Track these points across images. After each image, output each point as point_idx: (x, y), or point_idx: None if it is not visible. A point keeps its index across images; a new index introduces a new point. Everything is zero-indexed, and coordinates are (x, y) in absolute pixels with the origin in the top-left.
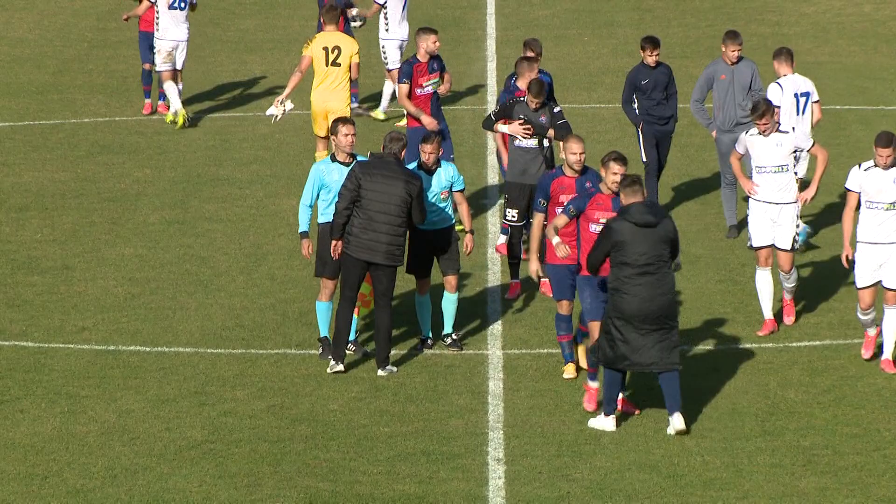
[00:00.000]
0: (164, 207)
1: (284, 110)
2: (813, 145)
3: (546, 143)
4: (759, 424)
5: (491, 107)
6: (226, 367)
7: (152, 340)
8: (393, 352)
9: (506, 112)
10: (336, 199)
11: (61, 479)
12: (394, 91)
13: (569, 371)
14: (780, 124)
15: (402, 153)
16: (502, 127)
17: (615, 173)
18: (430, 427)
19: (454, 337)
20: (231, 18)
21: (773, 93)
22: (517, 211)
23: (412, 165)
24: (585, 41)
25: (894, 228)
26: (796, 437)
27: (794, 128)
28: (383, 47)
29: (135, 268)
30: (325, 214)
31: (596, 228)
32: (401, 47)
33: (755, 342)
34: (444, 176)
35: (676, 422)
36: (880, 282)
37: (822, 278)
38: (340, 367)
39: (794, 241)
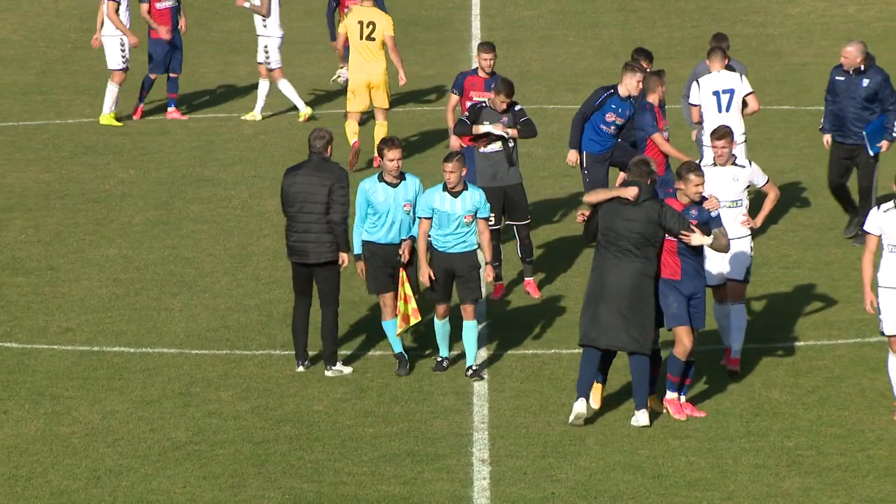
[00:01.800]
0: (149, 208)
1: (339, 76)
2: (767, 182)
3: (511, 143)
4: (743, 425)
5: None
6: (210, 367)
7: (136, 341)
8: (377, 353)
9: (473, 117)
10: (380, 220)
11: (45, 481)
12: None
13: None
14: (735, 157)
15: (328, 150)
16: (483, 127)
17: (697, 185)
18: (415, 428)
19: (475, 367)
20: (215, 20)
21: (692, 91)
22: (493, 214)
23: (438, 187)
24: (570, 42)
25: None
26: (780, 438)
27: (751, 162)
28: (266, 46)
29: (119, 268)
30: (369, 233)
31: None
32: (280, 47)
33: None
34: (470, 200)
35: (638, 418)
36: None
37: (804, 280)
38: (300, 368)
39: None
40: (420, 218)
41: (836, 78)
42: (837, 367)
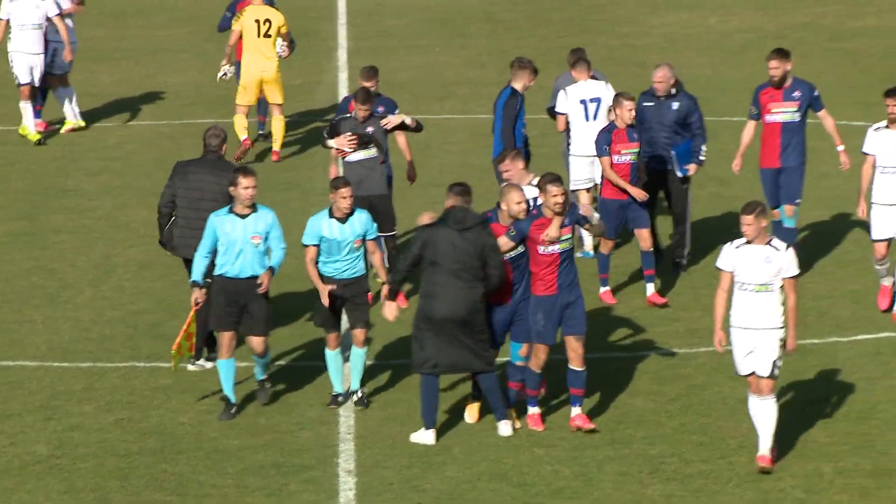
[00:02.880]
0: (11, 219)
1: (226, 73)
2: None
3: (376, 153)
4: (607, 433)
5: None
6: (73, 380)
7: None
8: (241, 364)
9: (335, 130)
10: (228, 253)
11: None
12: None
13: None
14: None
15: (223, 148)
16: (331, 142)
17: (555, 195)
18: (281, 439)
19: (361, 393)
20: (79, 28)
21: (559, 100)
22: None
23: (324, 214)
24: (438, 52)
25: (765, 312)
26: (644, 446)
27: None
28: (55, 51)
29: None
30: (219, 266)
31: (544, 250)
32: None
33: (603, 352)
34: (359, 224)
35: (502, 429)
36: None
37: (666, 288)
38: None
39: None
40: (306, 245)
41: (645, 104)
42: (700, 375)
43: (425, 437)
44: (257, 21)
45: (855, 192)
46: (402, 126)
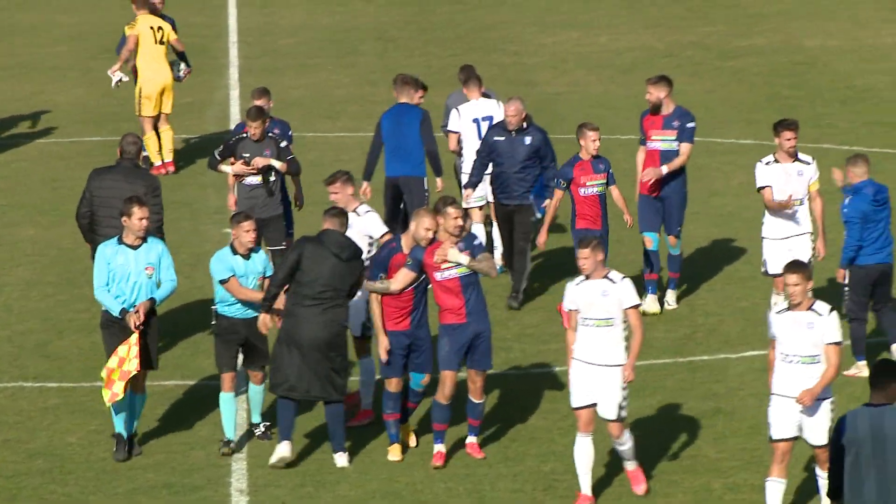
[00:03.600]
0: None
1: (121, 79)
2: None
3: (272, 176)
4: (501, 451)
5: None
6: None
7: None
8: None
9: (229, 150)
10: (120, 285)
11: None
12: None
13: (394, 453)
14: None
15: (140, 156)
16: (225, 167)
17: (455, 217)
18: (172, 459)
19: (264, 427)
20: None
21: (451, 119)
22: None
23: (226, 252)
24: (329, 70)
25: (606, 347)
26: (537, 463)
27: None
28: None
29: None
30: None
31: (441, 276)
32: None
33: (497, 369)
34: (260, 262)
35: (338, 460)
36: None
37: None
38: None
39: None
40: (225, 280)
41: (496, 139)
42: None
43: (279, 448)
44: (152, 28)
45: (745, 209)
46: (270, 167)
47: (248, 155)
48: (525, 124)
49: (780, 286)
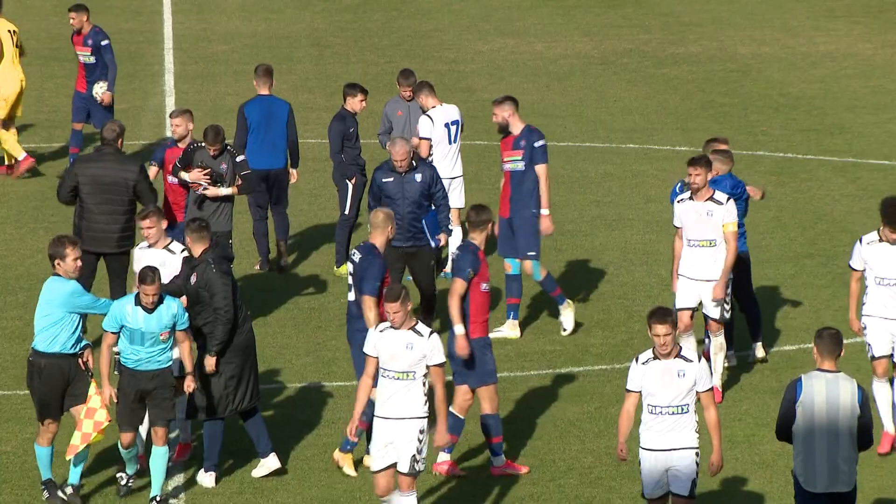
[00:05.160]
0: None
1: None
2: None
3: (225, 189)
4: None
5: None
6: None
7: None
8: None
9: (187, 159)
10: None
11: None
12: None
13: (346, 462)
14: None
15: (119, 141)
16: (183, 175)
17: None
18: (109, 470)
19: (160, 498)
20: None
21: (423, 125)
22: None
23: (129, 298)
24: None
25: (404, 401)
26: (475, 470)
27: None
28: None
29: None
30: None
31: (486, 287)
32: None
33: None
34: (167, 314)
35: (205, 480)
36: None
37: (499, 315)
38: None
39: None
40: (105, 331)
41: (384, 181)
42: (531, 398)
43: (205, 479)
44: (10, 31)
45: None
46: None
47: (203, 164)
48: (414, 163)
49: (682, 322)
